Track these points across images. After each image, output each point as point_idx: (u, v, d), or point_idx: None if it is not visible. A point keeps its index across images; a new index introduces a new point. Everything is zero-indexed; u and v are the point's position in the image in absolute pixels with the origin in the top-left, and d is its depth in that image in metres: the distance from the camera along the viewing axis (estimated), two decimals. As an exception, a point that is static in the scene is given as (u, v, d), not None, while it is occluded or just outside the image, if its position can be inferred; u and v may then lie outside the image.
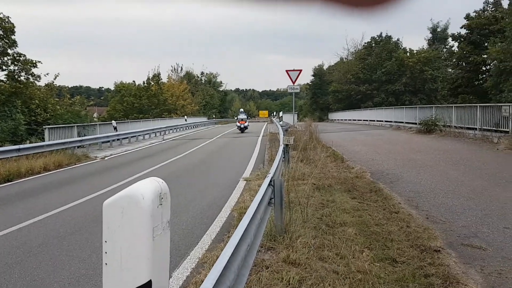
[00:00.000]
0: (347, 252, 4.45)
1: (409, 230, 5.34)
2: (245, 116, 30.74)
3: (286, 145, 9.84)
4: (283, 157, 9.46)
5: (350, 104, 44.50)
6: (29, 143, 17.24)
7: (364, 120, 34.79)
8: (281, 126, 18.43)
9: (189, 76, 67.77)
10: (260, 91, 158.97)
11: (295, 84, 22.18)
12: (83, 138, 19.08)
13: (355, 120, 37.76)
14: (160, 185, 1.55)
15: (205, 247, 5.18)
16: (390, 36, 46.12)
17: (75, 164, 14.91)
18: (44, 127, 19.33)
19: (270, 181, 5.11)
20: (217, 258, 2.71)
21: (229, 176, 10.65)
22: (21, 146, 14.47)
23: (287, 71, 21.66)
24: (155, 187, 1.48)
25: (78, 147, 18.26)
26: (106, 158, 16.87)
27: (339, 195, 7.29)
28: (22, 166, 12.62)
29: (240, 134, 28.41)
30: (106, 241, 1.40)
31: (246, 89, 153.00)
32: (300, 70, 21.80)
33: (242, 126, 29.67)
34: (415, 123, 22.46)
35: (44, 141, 17.92)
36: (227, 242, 3.07)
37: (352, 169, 10.36)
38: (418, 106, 25.89)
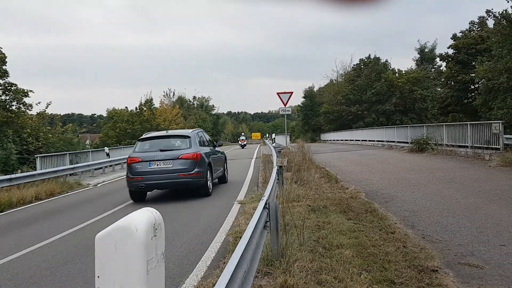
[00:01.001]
0: (345, 275, 4.39)
1: (406, 251, 5.30)
2: (245, 138, 51.50)
3: (280, 166, 9.82)
4: (277, 179, 9.41)
5: (341, 125, 44.79)
6: (21, 172, 17.07)
7: (356, 140, 34.96)
8: (274, 147, 18.43)
9: (181, 100, 68.06)
10: (252, 113, 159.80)
11: (287, 106, 22.28)
12: (76, 165, 18.94)
13: (347, 140, 37.93)
14: (154, 215, 1.52)
15: (200, 274, 5.09)
16: (379, 57, 46.84)
17: (67, 192, 14.75)
18: (35, 155, 19.18)
19: (265, 203, 5.07)
20: (213, 286, 2.66)
21: (224, 199, 10.56)
22: (13, 175, 14.32)
23: (278, 93, 21.79)
24: (148, 218, 1.44)
25: (70, 174, 18.10)
26: (98, 185, 16.71)
27: (334, 216, 7.24)
28: (14, 196, 12.44)
29: (235, 155, 28.75)
30: (98, 276, 1.35)
31: (238, 112, 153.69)
32: (291, 93, 21.93)
33: (242, 144, 48.83)
34: (407, 142, 22.60)
35: (36, 169, 17.75)
36: (223, 269, 3.01)
37: (346, 189, 10.35)
38: (409, 125, 26.12)
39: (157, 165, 10.29)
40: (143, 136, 11.38)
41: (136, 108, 48.37)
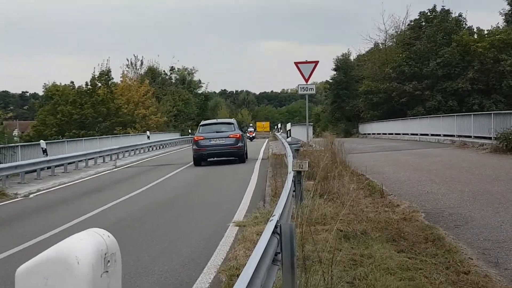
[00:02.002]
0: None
1: (486, 300, 5.26)
2: (254, 129, 64.40)
3: (298, 172, 9.82)
4: (294, 191, 9.38)
5: (390, 111, 44.72)
6: None
7: (412, 134, 34.81)
8: (289, 144, 18.40)
9: (153, 73, 68.20)
10: (257, 93, 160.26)
11: (309, 82, 22.22)
12: (-3, 166, 19.03)
13: (398, 134, 37.82)
14: (105, 240, 1.50)
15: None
16: (448, 10, 46.65)
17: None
18: None
19: (276, 226, 5.07)
20: None
21: (213, 220, 10.65)
22: None
23: (296, 63, 21.71)
24: (96, 245, 1.42)
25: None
26: (31, 196, 16.80)
27: (378, 247, 7.22)
28: None
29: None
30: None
31: (236, 91, 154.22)
32: (316, 62, 21.82)
33: (251, 136, 58.38)
34: (490, 138, 22.50)
35: None
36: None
37: (397, 207, 10.33)
38: (492, 112, 25.98)
39: (215, 141, 23.37)
40: (203, 123, 25.94)
41: (86, 84, 48.63)
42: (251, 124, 69.26)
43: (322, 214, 9.17)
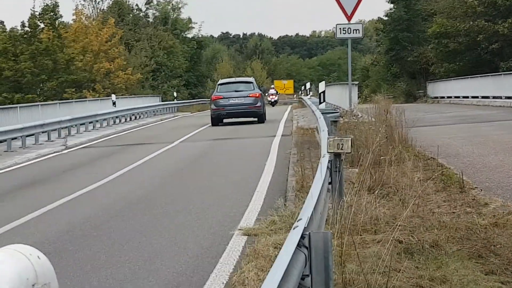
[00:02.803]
0: None
1: None
2: (275, 92, 71.43)
3: (336, 155, 9.80)
4: (329, 183, 9.43)
5: (475, 63, 44.67)
6: None
7: (507, 98, 34.76)
8: (322, 113, 18.36)
9: (120, 8, 68.41)
10: (276, 38, 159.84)
11: (352, 20, 22.15)
12: None
13: (487, 97, 37.96)
14: (33, 264, 1.46)
15: None
16: None
17: None
18: None
19: (302, 236, 5.08)
20: None
21: (211, 225, 10.74)
22: None
23: (333, -8, 21.68)
24: (18, 271, 1.39)
25: None
26: None
27: (457, 267, 7.21)
28: None
29: (236, 133, 29.09)
30: None
31: (244, 35, 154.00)
32: (363, -9, 21.82)
33: (272, 100, 67.33)
34: None
35: None
36: None
37: (484, 206, 10.29)
38: None
39: (234, 100, 34.13)
40: (221, 82, 38.60)
41: (23, 26, 48.61)
42: (272, 86, 75.30)
43: (372, 217, 9.18)
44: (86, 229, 11.14)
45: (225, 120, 35.27)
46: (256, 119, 34.17)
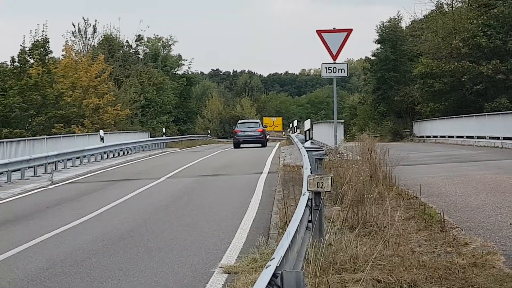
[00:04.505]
0: None
1: None
2: (264, 127, 74.99)
3: (316, 193, 9.77)
4: (309, 221, 9.40)
5: (459, 103, 44.79)
6: None
7: (491, 138, 34.85)
8: (306, 150, 18.35)
9: (110, 45, 68.38)
10: (265, 75, 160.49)
11: (338, 60, 22.22)
12: None
13: (471, 137, 38.01)
14: None
15: None
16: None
17: None
18: None
19: (275, 275, 5.06)
20: None
21: (191, 263, 10.73)
22: None
23: (319, 32, 21.78)
24: None
25: None
26: None
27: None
28: None
29: (223, 170, 29.42)
30: None
31: (235, 72, 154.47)
32: (348, 31, 21.92)
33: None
34: None
35: None
36: None
37: (464, 246, 10.28)
38: None
39: (248, 133, 59.67)
40: (240, 121, 65.82)
41: (12, 61, 48.57)
42: (265, 126, 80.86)
43: (352, 256, 9.13)
44: (66, 266, 11.05)
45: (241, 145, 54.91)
46: (260, 145, 55.18)
